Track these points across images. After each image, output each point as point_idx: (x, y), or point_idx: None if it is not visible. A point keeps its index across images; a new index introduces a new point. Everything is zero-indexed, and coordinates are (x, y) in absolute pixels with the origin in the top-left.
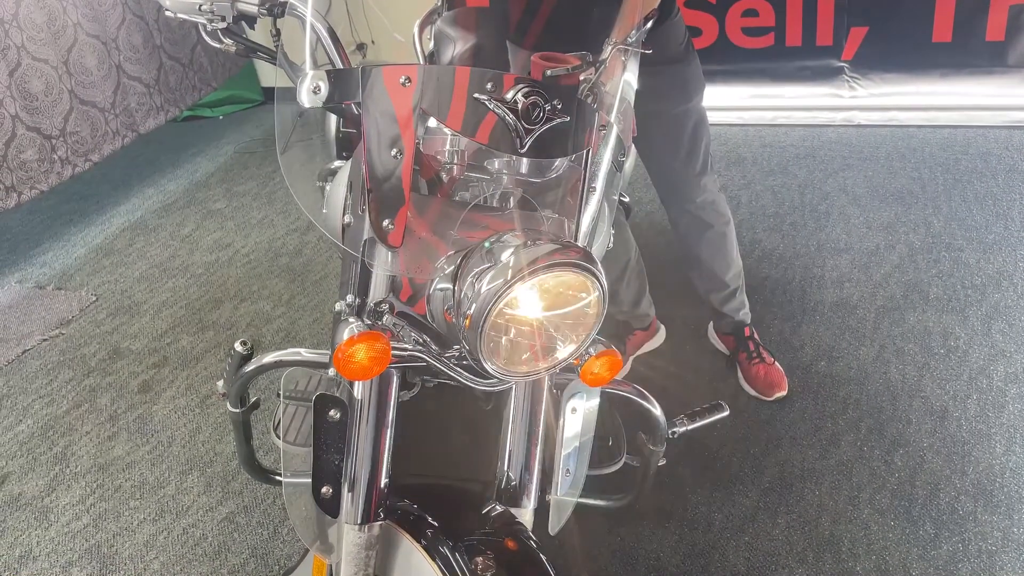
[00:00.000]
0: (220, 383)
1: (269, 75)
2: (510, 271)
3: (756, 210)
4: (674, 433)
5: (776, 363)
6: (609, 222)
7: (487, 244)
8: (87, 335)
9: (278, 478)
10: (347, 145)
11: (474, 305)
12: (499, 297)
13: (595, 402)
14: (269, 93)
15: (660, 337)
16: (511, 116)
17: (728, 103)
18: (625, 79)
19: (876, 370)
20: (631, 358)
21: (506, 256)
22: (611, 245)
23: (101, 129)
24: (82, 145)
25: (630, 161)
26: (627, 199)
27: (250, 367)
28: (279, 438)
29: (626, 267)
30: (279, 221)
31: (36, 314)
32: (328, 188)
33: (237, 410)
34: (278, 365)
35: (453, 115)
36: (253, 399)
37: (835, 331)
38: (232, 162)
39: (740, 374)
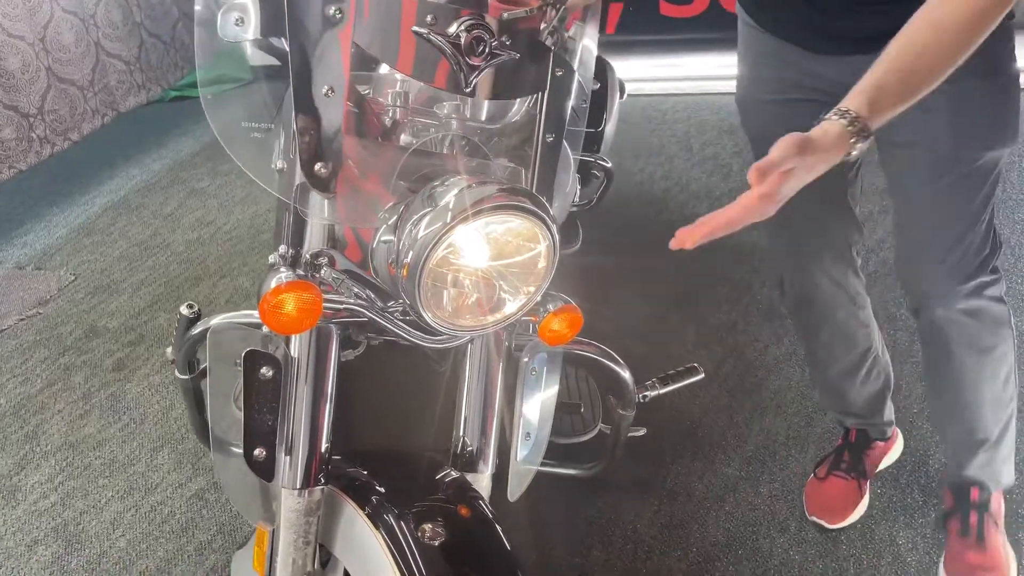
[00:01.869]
0: (169, 350)
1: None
2: (450, 213)
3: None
4: (645, 397)
5: (1002, 547)
6: (573, 175)
7: (429, 188)
8: (64, 314)
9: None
10: None
11: (411, 252)
12: (438, 240)
13: (557, 363)
14: None
15: (899, 448)
16: (452, 50)
17: (722, 73)
18: (588, 23)
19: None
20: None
21: (447, 198)
22: (577, 199)
23: (80, 107)
24: (61, 124)
25: (612, 123)
26: (609, 164)
27: (196, 330)
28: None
29: (864, 355)
30: (262, 198)
31: (14, 295)
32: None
33: (185, 376)
34: (227, 328)
35: (390, 49)
36: (204, 365)
37: None
38: (218, 142)
39: (945, 553)
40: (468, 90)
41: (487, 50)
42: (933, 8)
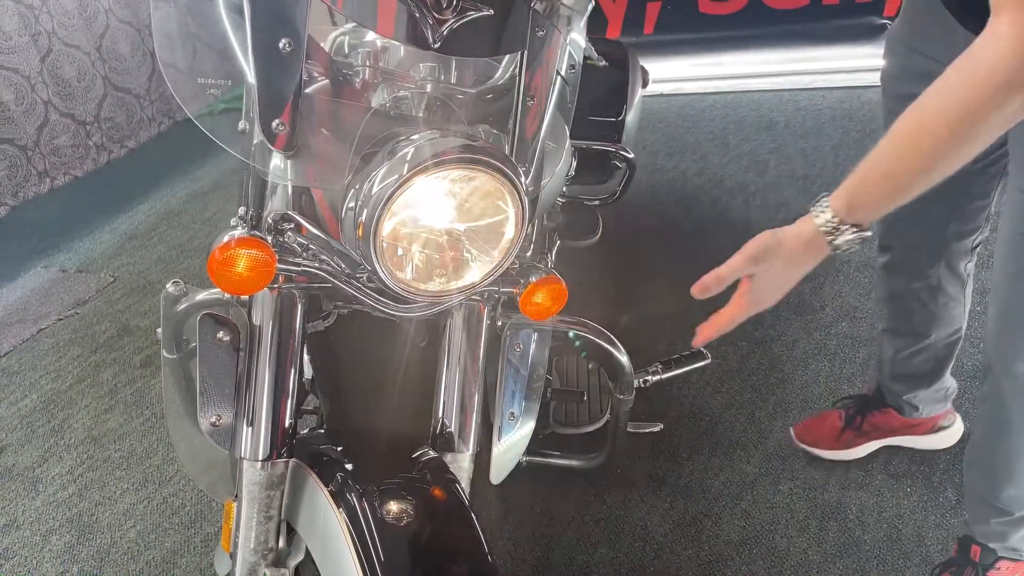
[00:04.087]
0: (159, 330)
1: None
2: (406, 165)
3: (784, 173)
4: (646, 382)
5: None
6: (568, 149)
7: (391, 144)
8: (100, 314)
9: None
10: None
11: (366, 209)
12: (393, 194)
13: (545, 340)
14: None
15: (940, 441)
16: (416, 3)
17: (761, 69)
18: None
19: None
20: (875, 444)
21: (405, 151)
22: (572, 173)
23: (136, 116)
24: (117, 131)
25: (634, 113)
26: (631, 155)
27: (182, 306)
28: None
29: (916, 339)
30: None
31: (56, 295)
32: None
33: (172, 356)
34: (214, 302)
35: (351, 1)
36: (193, 344)
37: (859, 291)
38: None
39: None
40: (436, 46)
41: (457, 4)
42: (920, 102)
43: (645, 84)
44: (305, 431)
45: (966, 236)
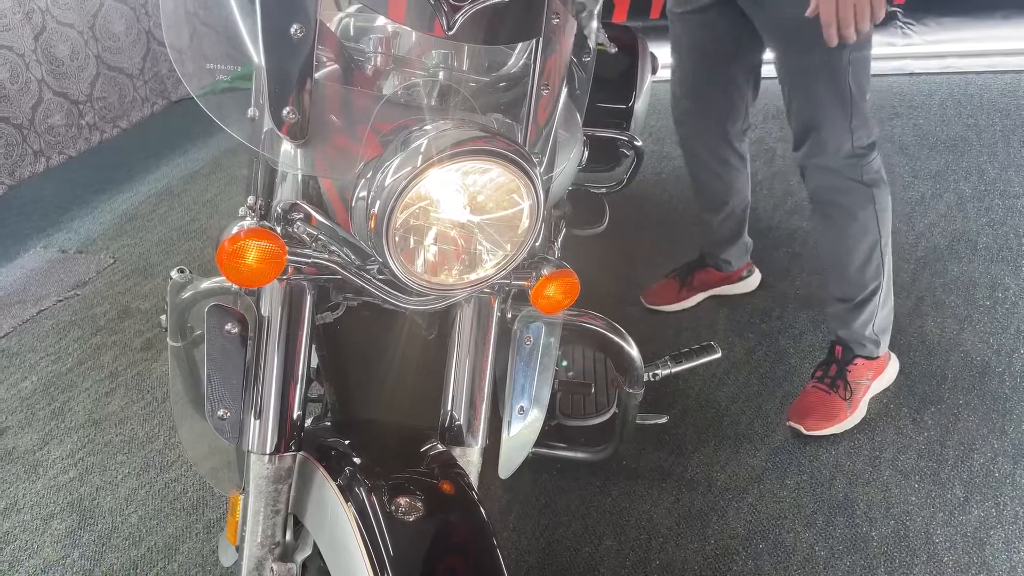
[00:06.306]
0: (163, 317)
1: None
2: (420, 157)
3: (792, 162)
4: (655, 376)
5: (846, 406)
6: (580, 138)
7: (404, 134)
8: (100, 296)
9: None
10: None
11: (378, 201)
12: (406, 186)
13: (556, 334)
14: None
15: (751, 282)
16: None
17: (768, 56)
18: None
19: (911, 324)
20: (701, 295)
21: (419, 142)
22: (583, 164)
23: (129, 95)
24: (110, 111)
25: (643, 100)
26: (639, 143)
27: (187, 294)
28: None
29: (724, 205)
30: None
31: (55, 276)
32: None
33: (177, 343)
34: (220, 291)
35: None
36: (198, 332)
37: None
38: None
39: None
40: (450, 33)
41: None
42: None
43: (654, 71)
44: (310, 420)
45: (736, 122)
